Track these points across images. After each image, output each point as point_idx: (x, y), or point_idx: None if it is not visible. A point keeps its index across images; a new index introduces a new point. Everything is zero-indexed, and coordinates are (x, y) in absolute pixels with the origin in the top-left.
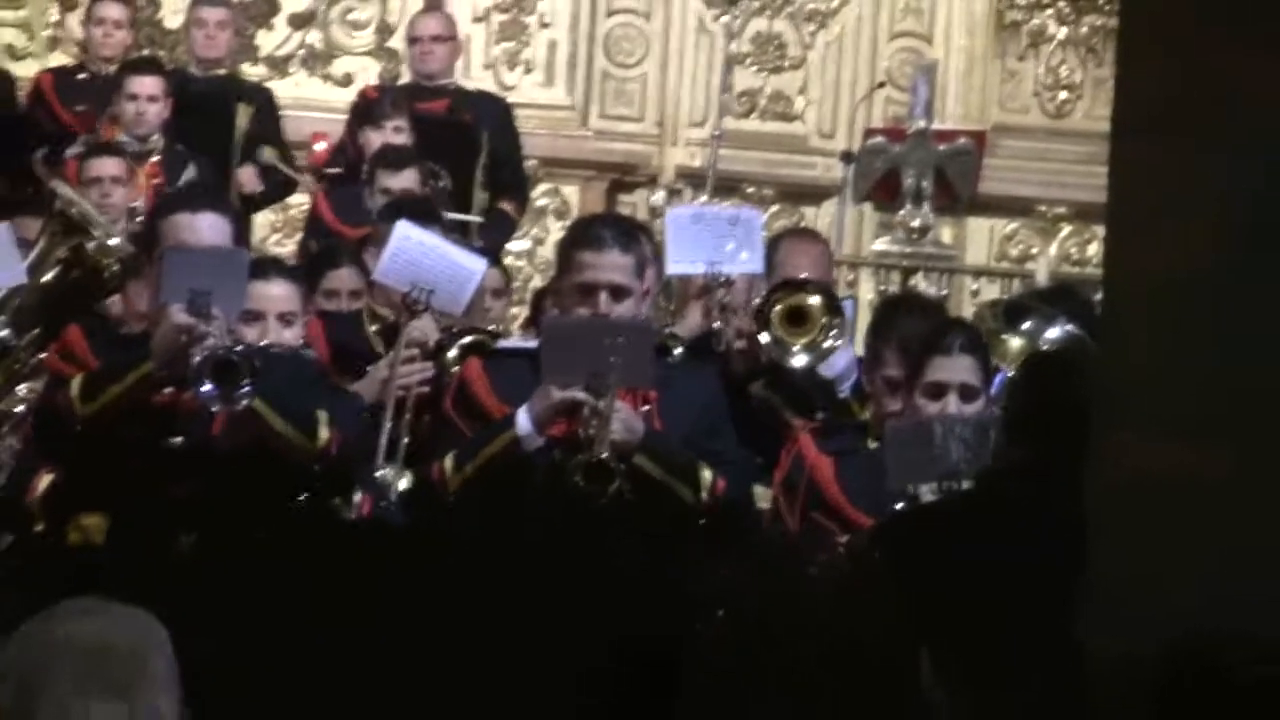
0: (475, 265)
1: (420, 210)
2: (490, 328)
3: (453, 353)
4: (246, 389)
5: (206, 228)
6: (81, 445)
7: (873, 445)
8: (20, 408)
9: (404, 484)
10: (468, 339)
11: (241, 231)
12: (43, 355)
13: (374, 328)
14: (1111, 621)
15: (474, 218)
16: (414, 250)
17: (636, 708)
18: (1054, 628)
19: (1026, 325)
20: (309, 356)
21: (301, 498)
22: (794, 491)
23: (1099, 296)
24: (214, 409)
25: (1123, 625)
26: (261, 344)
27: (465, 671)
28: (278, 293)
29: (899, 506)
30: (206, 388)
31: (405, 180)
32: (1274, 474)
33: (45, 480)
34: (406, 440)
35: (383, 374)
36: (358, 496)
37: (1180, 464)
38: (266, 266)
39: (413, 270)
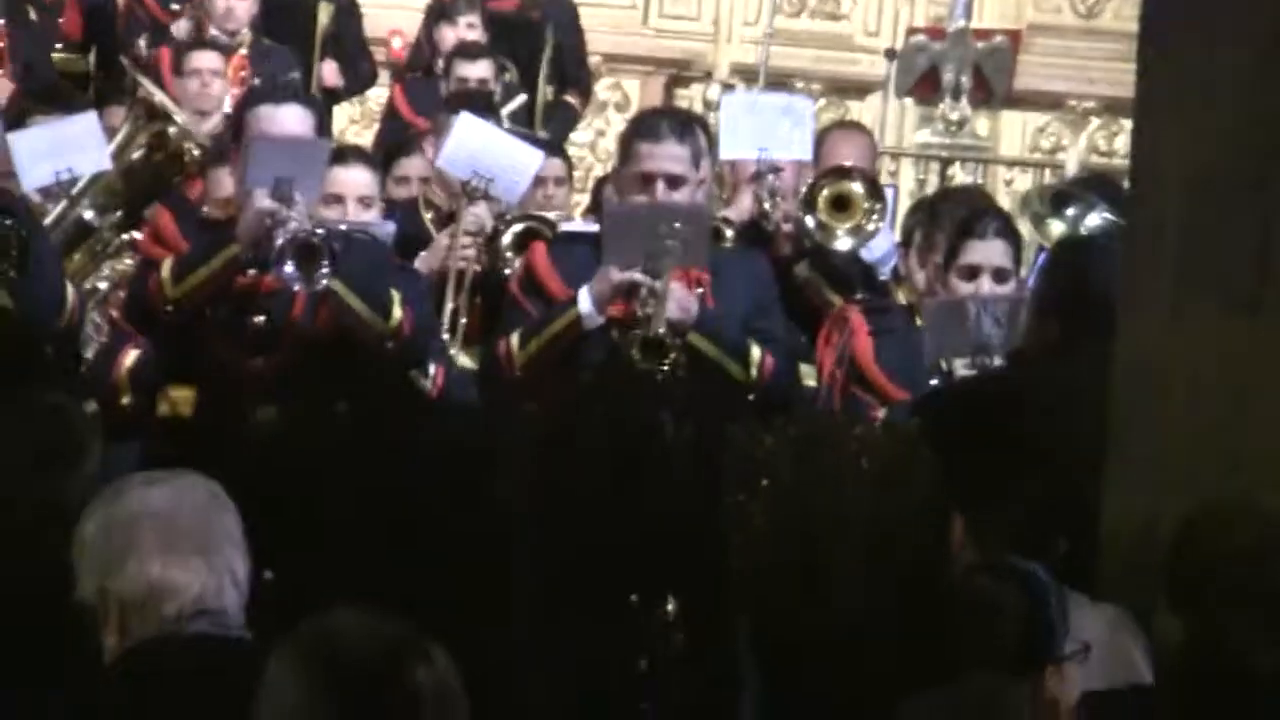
0: (533, 157)
1: (482, 102)
2: (551, 215)
3: (507, 239)
4: (325, 270)
5: (290, 119)
6: (171, 323)
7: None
8: (104, 285)
9: (464, 362)
10: (521, 225)
11: (323, 123)
12: (125, 236)
13: (429, 215)
14: (1130, 482)
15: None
16: (475, 141)
17: (680, 575)
18: (1077, 498)
19: (1070, 211)
20: (383, 239)
21: (377, 372)
22: (840, 363)
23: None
24: (295, 289)
25: (1141, 485)
26: (341, 226)
27: (523, 538)
28: (357, 177)
29: (934, 382)
30: (288, 268)
31: (480, 70)
32: None
33: (131, 355)
34: (464, 320)
35: (441, 251)
36: (432, 368)
37: (1200, 341)
38: (346, 153)
39: (473, 159)
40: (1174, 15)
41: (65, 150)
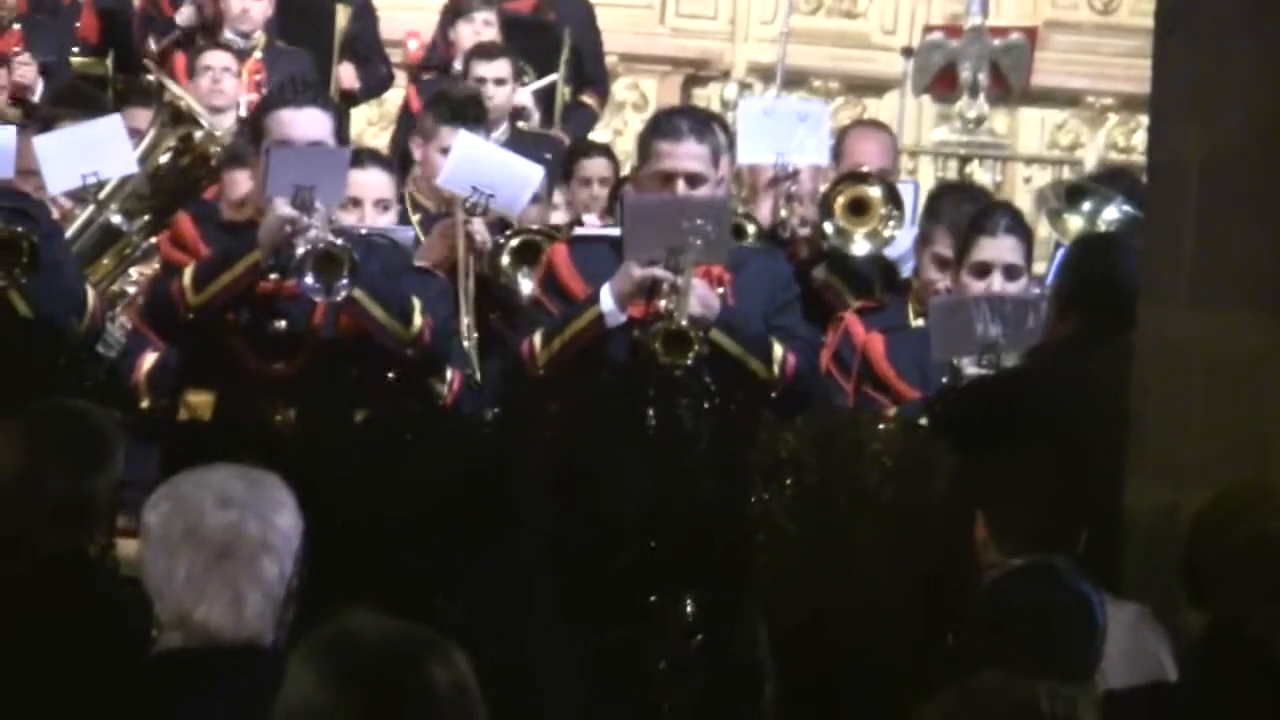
0: (532, 173)
1: (472, 114)
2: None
3: (506, 256)
4: (345, 282)
5: (308, 122)
6: (191, 328)
7: (917, 322)
8: (132, 289)
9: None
10: (519, 240)
11: (341, 126)
12: (153, 240)
13: (416, 217)
14: (1150, 472)
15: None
16: (475, 158)
17: (707, 571)
18: (1098, 492)
19: (1086, 205)
20: (403, 243)
21: (395, 379)
22: (845, 369)
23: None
24: (315, 299)
25: (1161, 476)
26: (361, 231)
27: (547, 538)
28: (374, 180)
29: (945, 380)
30: (309, 279)
31: (499, 70)
32: None
33: (149, 359)
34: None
35: (433, 252)
36: (449, 374)
37: (1220, 333)
38: (363, 156)
39: (473, 176)
40: (1191, 9)
41: (91, 154)
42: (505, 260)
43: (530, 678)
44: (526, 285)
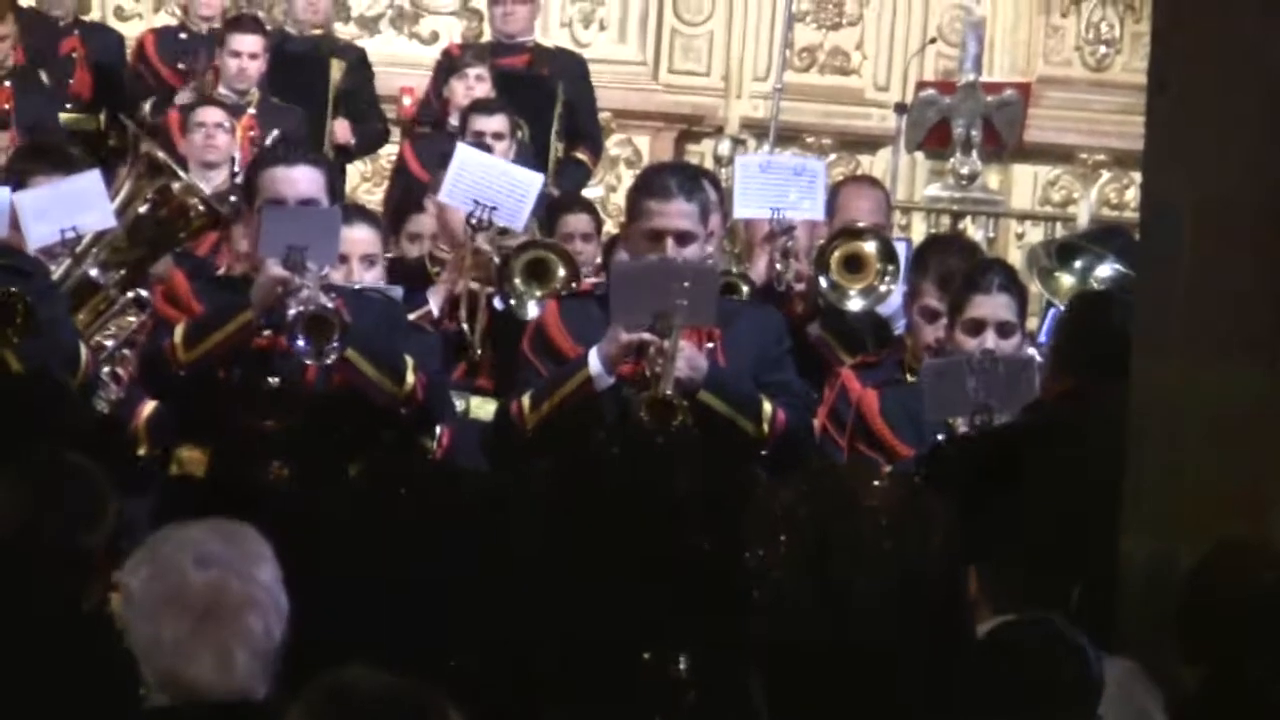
0: (533, 180)
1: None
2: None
3: (518, 274)
4: (336, 345)
5: (301, 180)
6: (183, 385)
7: (911, 379)
8: (110, 342)
9: (479, 413)
10: (530, 255)
11: (335, 182)
12: (130, 293)
13: (436, 269)
14: (1145, 525)
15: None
16: (475, 171)
17: (699, 629)
18: (1097, 542)
19: (1078, 263)
20: (395, 298)
21: (387, 435)
22: (841, 426)
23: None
24: (307, 362)
25: (1156, 529)
26: (356, 286)
27: (537, 601)
28: (361, 236)
29: (940, 437)
30: (299, 342)
31: (496, 124)
32: None
33: (148, 406)
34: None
35: (450, 282)
36: (438, 429)
37: (1214, 384)
38: (350, 212)
39: (474, 190)
40: (1182, 61)
41: (70, 208)
42: (517, 280)
43: None
44: (534, 309)
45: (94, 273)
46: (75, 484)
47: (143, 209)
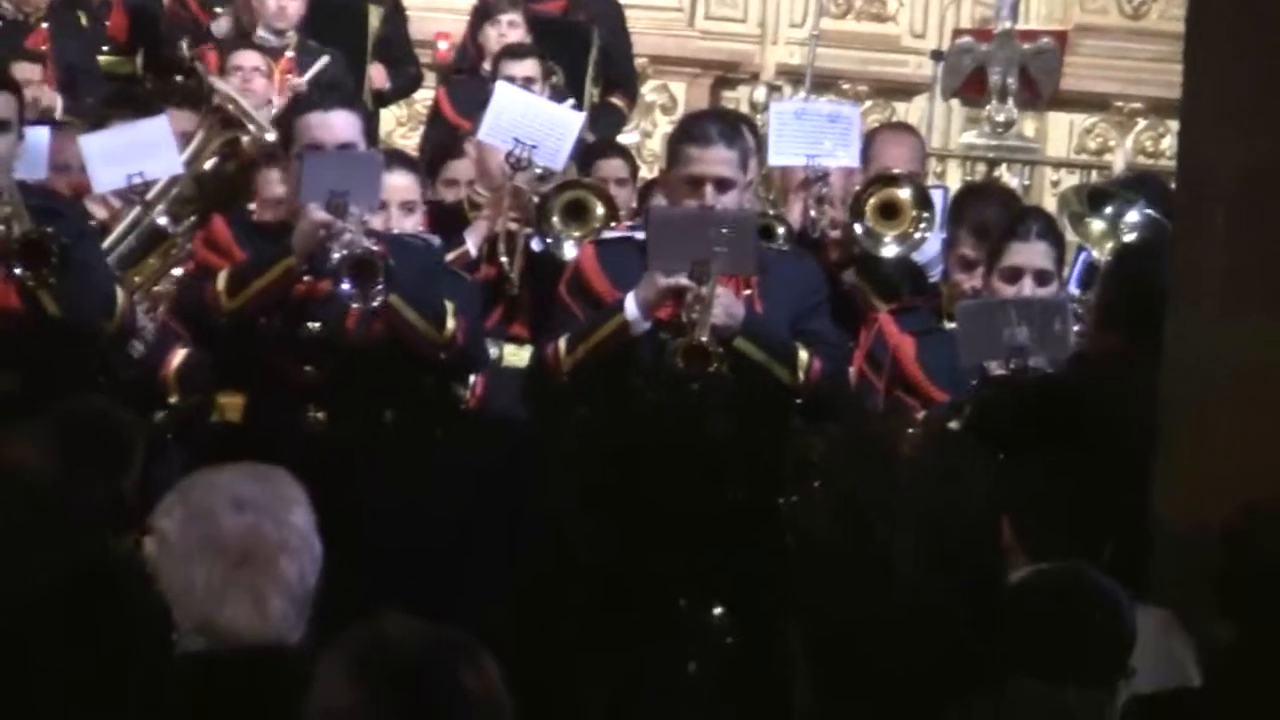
0: (573, 118)
1: None
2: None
3: (556, 213)
4: (381, 288)
5: (339, 124)
6: (224, 331)
7: (948, 325)
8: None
9: (513, 360)
10: (570, 195)
11: (371, 127)
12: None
13: (474, 214)
14: (1179, 490)
15: None
16: (514, 109)
17: (729, 579)
18: (1127, 500)
19: (1108, 209)
20: (435, 245)
21: (425, 382)
22: (878, 369)
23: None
24: (352, 305)
25: (1190, 494)
26: (395, 232)
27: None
28: (400, 183)
29: (974, 383)
30: (345, 286)
31: (527, 69)
32: None
33: (179, 355)
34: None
35: (488, 224)
36: (472, 378)
37: (1249, 342)
38: (389, 158)
39: (514, 128)
40: (1221, 14)
41: (136, 154)
42: (555, 219)
43: (561, 682)
44: (571, 250)
45: (162, 221)
46: (104, 429)
47: (211, 161)
